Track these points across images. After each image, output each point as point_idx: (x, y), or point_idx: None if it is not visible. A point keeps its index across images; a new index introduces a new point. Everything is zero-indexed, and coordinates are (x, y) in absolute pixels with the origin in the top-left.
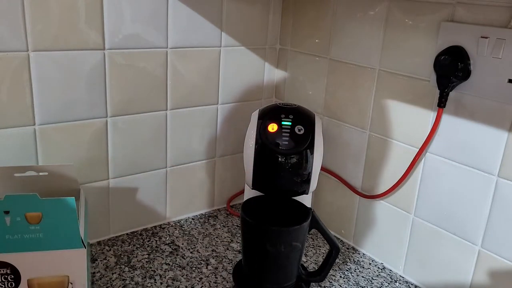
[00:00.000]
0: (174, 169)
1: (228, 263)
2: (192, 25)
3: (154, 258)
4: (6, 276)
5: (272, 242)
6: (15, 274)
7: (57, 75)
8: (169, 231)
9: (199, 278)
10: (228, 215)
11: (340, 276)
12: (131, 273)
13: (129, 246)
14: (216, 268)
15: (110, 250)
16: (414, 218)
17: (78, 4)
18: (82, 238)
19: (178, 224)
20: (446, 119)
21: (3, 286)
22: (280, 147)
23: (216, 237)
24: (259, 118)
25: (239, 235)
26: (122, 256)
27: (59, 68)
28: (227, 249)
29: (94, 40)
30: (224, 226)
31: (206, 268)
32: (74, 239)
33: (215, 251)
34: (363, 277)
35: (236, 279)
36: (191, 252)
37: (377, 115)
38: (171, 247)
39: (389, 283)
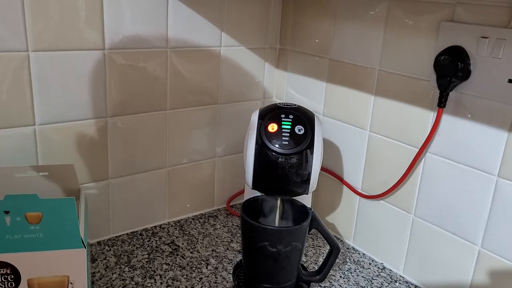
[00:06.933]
0: (174, 169)
1: (228, 263)
2: (192, 25)
3: (154, 258)
4: (6, 276)
5: (272, 242)
6: (15, 274)
7: (57, 75)
8: (169, 231)
9: (199, 278)
10: (228, 215)
11: (340, 276)
12: (131, 273)
13: (129, 246)
14: (216, 268)
15: (110, 250)
16: (414, 218)
17: (78, 4)
18: (82, 238)
19: (178, 224)
20: (446, 119)
21: (3, 286)
22: (280, 147)
23: (216, 237)
24: (259, 118)
25: (239, 235)
26: (122, 256)
27: (59, 68)
28: (227, 249)
29: (94, 40)
30: (224, 226)
31: (206, 268)
32: (74, 239)
33: (215, 251)
34: (363, 277)
35: (236, 279)
36: (191, 252)
37: (377, 115)
38: (171, 247)
39: (389, 283)
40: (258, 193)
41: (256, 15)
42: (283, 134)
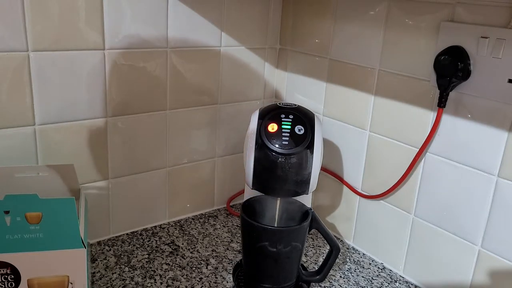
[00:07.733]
0: (174, 169)
1: (228, 263)
2: (192, 25)
3: (154, 258)
4: (6, 276)
5: (272, 242)
6: (15, 274)
7: (57, 75)
8: (169, 231)
9: (199, 278)
10: (228, 215)
11: (340, 276)
12: (131, 273)
13: (129, 246)
14: (216, 268)
15: (110, 250)
16: (414, 218)
17: (78, 4)
18: (82, 238)
19: (178, 224)
20: (446, 119)
21: (3, 286)
22: (280, 147)
23: (216, 237)
24: (259, 118)
25: (239, 235)
26: (122, 256)
27: (59, 68)
28: (227, 249)
29: (94, 40)
30: (224, 226)
31: (206, 268)
32: (74, 239)
33: (215, 251)
34: (363, 277)
35: (236, 279)
36: (191, 252)
37: (377, 115)
38: (171, 247)
39: (389, 283)
40: (258, 193)
41: (256, 15)
42: (283, 134)
